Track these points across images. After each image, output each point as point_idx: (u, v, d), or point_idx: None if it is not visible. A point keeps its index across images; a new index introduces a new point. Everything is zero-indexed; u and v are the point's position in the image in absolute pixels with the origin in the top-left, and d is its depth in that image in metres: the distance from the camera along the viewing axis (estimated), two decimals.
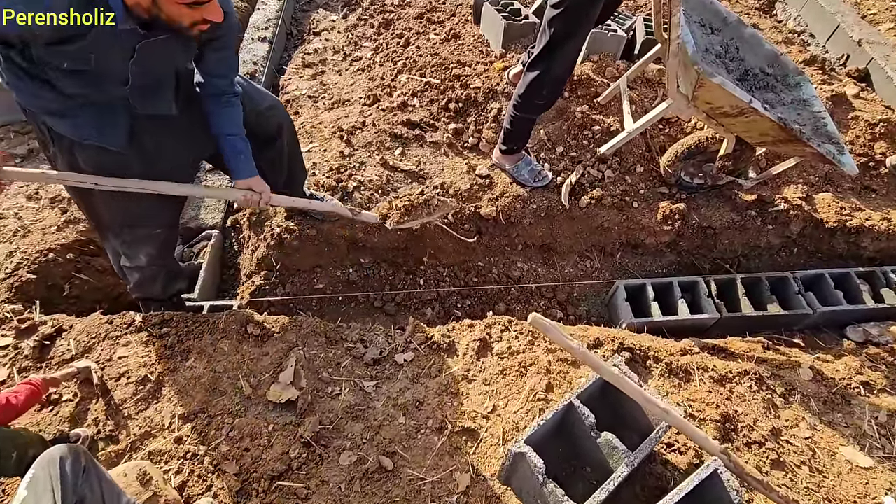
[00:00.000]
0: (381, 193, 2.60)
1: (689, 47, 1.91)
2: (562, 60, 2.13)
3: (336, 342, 1.90)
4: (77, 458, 1.20)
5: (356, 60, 3.68)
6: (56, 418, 1.62)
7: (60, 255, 2.25)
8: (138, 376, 1.72)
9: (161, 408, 1.66)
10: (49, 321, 1.90)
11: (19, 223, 2.36)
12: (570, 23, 1.99)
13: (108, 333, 1.85)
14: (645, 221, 2.64)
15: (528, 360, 1.79)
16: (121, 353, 1.79)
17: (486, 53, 3.26)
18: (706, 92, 2.01)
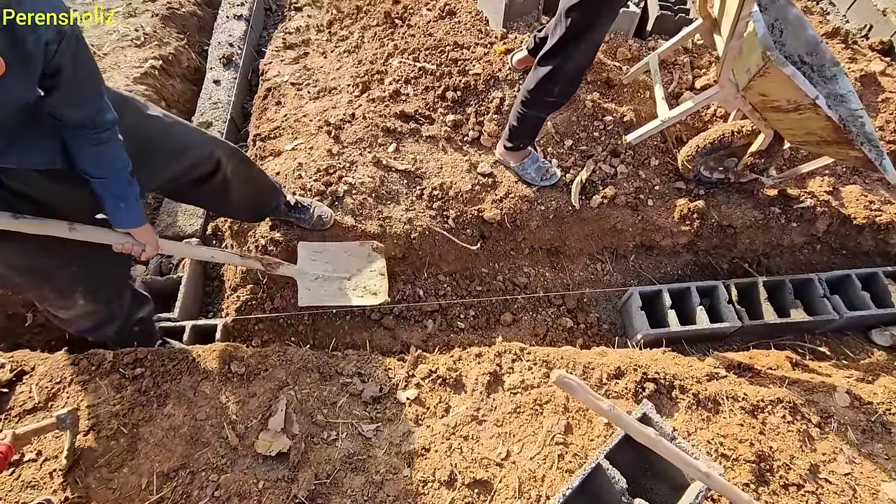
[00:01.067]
0: (375, 197, 2.37)
1: (760, 28, 1.66)
2: (578, 56, 1.87)
3: (331, 377, 1.72)
4: None
5: (342, 40, 3.36)
6: (17, 483, 1.44)
7: None
8: (110, 428, 1.53)
9: (136, 466, 1.49)
10: (7, 363, 1.69)
11: None
12: (590, 13, 1.73)
13: (74, 377, 1.65)
14: (661, 221, 2.44)
15: (544, 397, 1.63)
16: (90, 401, 1.60)
17: (485, 33, 2.96)
18: (766, 83, 1.78)
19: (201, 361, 1.68)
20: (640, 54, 2.90)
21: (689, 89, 2.81)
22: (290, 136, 2.64)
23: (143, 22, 3.33)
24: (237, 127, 3.14)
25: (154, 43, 3.19)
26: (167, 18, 3.45)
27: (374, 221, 2.31)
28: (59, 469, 1.46)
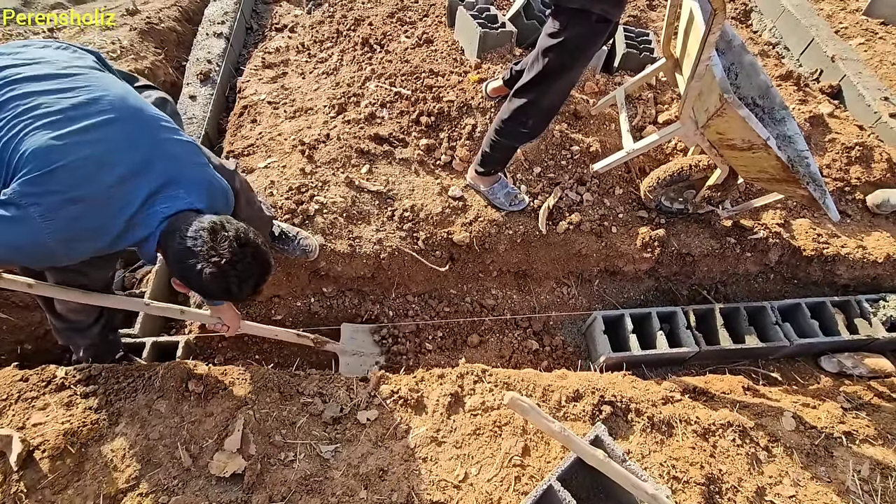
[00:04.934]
0: (346, 217, 2.39)
1: (718, 71, 1.77)
2: (553, 93, 1.96)
3: (291, 397, 1.71)
4: None
5: (321, 62, 3.42)
6: None
7: None
8: (56, 448, 1.48)
9: (83, 487, 1.44)
10: None
11: None
12: (567, 56, 1.83)
13: (22, 394, 1.60)
14: (624, 248, 2.53)
15: (504, 418, 1.65)
16: (37, 419, 1.55)
17: (460, 62, 3.06)
18: (723, 122, 1.89)
19: (157, 379, 1.65)
20: (607, 88, 3.05)
21: (652, 123, 2.96)
22: (264, 154, 2.66)
23: (121, 35, 3.34)
24: (211, 143, 3.14)
25: (130, 56, 3.19)
26: (145, 33, 3.46)
27: (343, 241, 2.32)
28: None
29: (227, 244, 1.18)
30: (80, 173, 1.12)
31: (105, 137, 1.16)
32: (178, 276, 1.27)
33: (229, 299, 1.32)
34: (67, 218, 1.11)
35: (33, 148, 1.09)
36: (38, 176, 1.08)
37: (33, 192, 1.08)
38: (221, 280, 1.20)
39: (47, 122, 1.12)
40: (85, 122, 1.15)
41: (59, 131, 1.12)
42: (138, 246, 1.27)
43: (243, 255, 1.21)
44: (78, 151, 1.12)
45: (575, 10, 1.75)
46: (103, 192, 1.15)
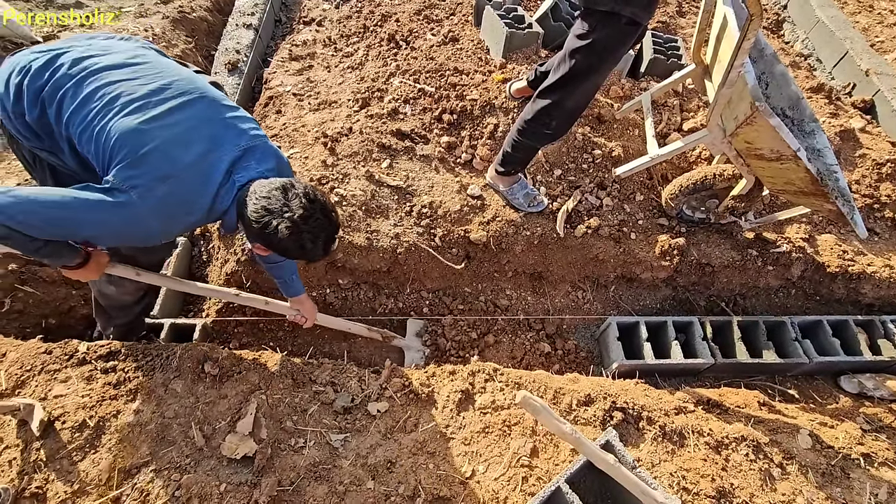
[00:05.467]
0: (365, 211, 2.41)
1: (750, 79, 1.75)
2: (578, 95, 1.96)
3: (304, 385, 1.73)
4: None
5: (347, 56, 3.45)
6: None
7: (1, 266, 2.02)
8: (76, 420, 1.52)
9: (99, 459, 1.47)
10: None
11: None
12: (594, 58, 1.82)
13: (45, 366, 1.64)
14: (642, 255, 2.50)
15: (513, 418, 1.65)
16: (58, 391, 1.59)
17: (485, 62, 3.06)
18: (752, 131, 1.86)
19: (175, 359, 1.69)
20: (633, 93, 3.02)
21: (676, 130, 2.92)
22: (287, 145, 2.69)
23: (154, 23, 3.41)
24: None
25: (162, 44, 3.26)
26: (177, 21, 3.53)
27: (361, 234, 2.34)
28: (17, 458, 1.44)
29: (297, 201, 1.25)
30: (167, 154, 1.20)
31: (182, 119, 1.25)
32: (259, 238, 1.32)
33: (304, 256, 1.36)
34: (161, 197, 1.20)
35: (123, 133, 1.18)
36: (132, 160, 1.17)
37: (130, 175, 1.17)
38: (296, 235, 1.26)
39: (132, 109, 1.20)
40: (163, 106, 1.24)
41: (143, 116, 1.20)
42: (222, 217, 1.34)
43: (313, 210, 1.27)
44: (162, 134, 1.21)
45: (605, 12, 1.74)
46: (187, 169, 1.23)
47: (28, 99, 1.25)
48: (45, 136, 1.31)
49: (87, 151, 1.24)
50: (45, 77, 1.24)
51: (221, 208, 1.31)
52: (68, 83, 1.23)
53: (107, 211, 1.17)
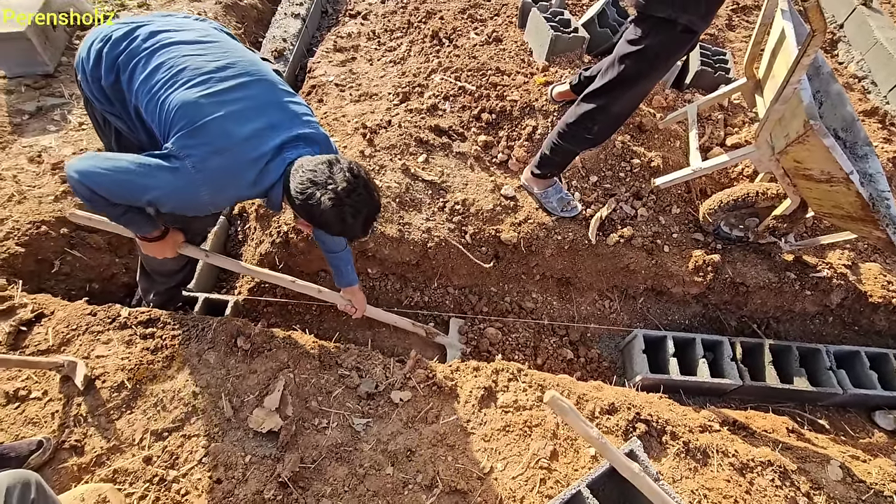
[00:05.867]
0: (399, 203, 2.44)
1: (806, 96, 1.70)
2: (624, 101, 1.94)
3: (330, 367, 1.76)
4: (26, 489, 1.08)
5: (390, 51, 3.49)
6: (20, 417, 1.50)
7: (54, 229, 2.12)
8: (115, 381, 1.59)
9: (133, 420, 1.53)
10: (30, 304, 1.77)
11: (16, 187, 2.23)
12: (644, 64, 1.79)
13: (89, 327, 1.72)
14: (674, 269, 2.46)
15: (535, 419, 1.64)
16: (100, 352, 1.66)
17: (527, 63, 3.06)
18: (803, 150, 1.81)
19: (210, 331, 1.74)
20: (676, 104, 2.96)
21: (719, 145, 2.86)
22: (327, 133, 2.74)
23: (207, 7, 3.52)
24: None
25: None
26: (229, 7, 3.63)
27: (393, 226, 2.37)
28: (59, 411, 1.52)
29: (341, 174, 1.28)
30: (223, 128, 1.26)
31: (241, 97, 1.30)
32: (302, 211, 1.35)
33: (344, 231, 1.38)
34: (214, 167, 1.25)
35: (184, 104, 1.24)
36: (190, 130, 1.23)
37: (187, 144, 1.23)
38: (338, 208, 1.28)
39: (196, 83, 1.27)
40: (226, 83, 1.30)
41: (205, 91, 1.26)
42: (267, 193, 1.38)
43: (356, 184, 1.30)
44: (221, 108, 1.26)
45: (660, 18, 1.71)
46: (240, 143, 1.28)
47: (105, 65, 1.32)
48: (117, 101, 1.39)
49: (151, 119, 1.31)
50: (122, 46, 1.32)
51: (269, 182, 1.35)
52: (141, 53, 1.30)
53: (163, 176, 1.23)
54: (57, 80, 2.86)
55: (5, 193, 2.19)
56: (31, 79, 2.81)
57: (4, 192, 2.19)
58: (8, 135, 2.50)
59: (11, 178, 2.27)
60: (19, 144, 2.46)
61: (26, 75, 2.82)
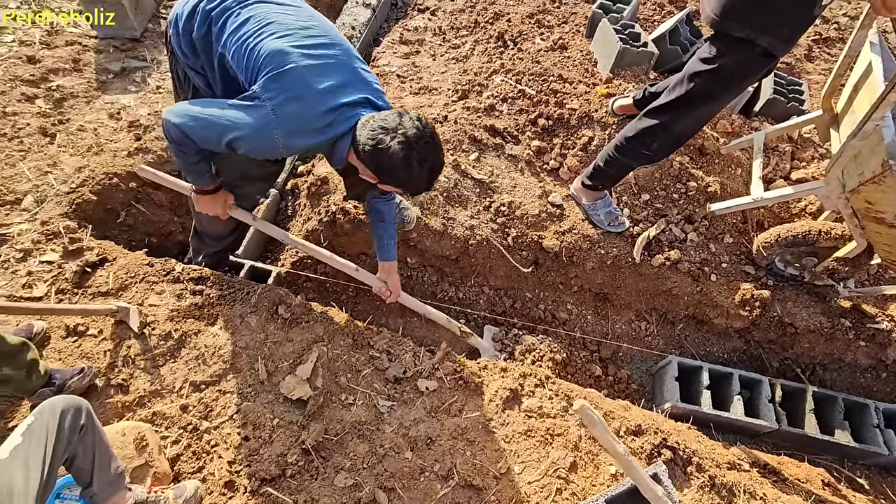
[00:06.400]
0: (446, 198, 2.46)
1: (888, 134, 1.62)
2: (689, 120, 1.88)
3: (362, 347, 1.80)
4: (78, 414, 1.16)
5: (454, 48, 3.53)
6: (76, 350, 1.61)
7: (124, 182, 2.27)
8: (163, 330, 1.68)
9: (176, 369, 1.62)
10: (96, 248, 1.90)
11: (95, 140, 2.40)
12: (716, 85, 1.74)
13: (146, 276, 1.83)
14: (719, 299, 2.37)
15: (558, 428, 1.62)
16: (153, 301, 1.76)
17: (591, 73, 3.02)
18: (878, 191, 1.72)
19: (254, 296, 1.81)
20: (742, 131, 2.86)
21: (783, 178, 2.73)
22: None
23: None
24: None
25: None
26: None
27: (438, 219, 2.39)
28: (110, 350, 1.62)
29: (411, 122, 1.34)
30: (303, 78, 1.33)
31: (322, 55, 1.39)
32: (370, 159, 1.38)
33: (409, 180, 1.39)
34: (290, 113, 1.32)
35: (272, 50, 1.33)
36: (274, 75, 1.31)
37: (271, 87, 1.31)
38: (407, 152, 1.32)
39: (283, 35, 1.36)
40: (309, 40, 1.38)
41: (291, 42, 1.35)
42: (335, 144, 1.44)
43: (424, 132, 1.35)
44: (304, 60, 1.34)
45: (738, 38, 1.65)
46: (317, 95, 1.35)
47: (200, 18, 1.42)
48: (203, 53, 1.48)
49: (238, 65, 1.39)
50: (217, 2, 1.42)
51: (338, 132, 1.40)
52: (235, 7, 1.40)
53: (245, 116, 1.31)
54: (142, 44, 3.04)
55: (86, 144, 2.35)
56: (119, 41, 3.00)
57: (85, 143, 2.35)
58: (93, 90, 2.68)
59: (92, 131, 2.44)
60: (102, 100, 2.64)
61: (115, 37, 3.01)
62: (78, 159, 2.27)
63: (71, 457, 1.14)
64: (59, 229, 1.94)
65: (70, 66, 2.77)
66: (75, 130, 2.42)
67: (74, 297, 1.75)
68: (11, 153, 2.21)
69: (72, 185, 2.15)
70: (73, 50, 2.88)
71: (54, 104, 2.53)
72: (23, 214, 2.02)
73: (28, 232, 1.92)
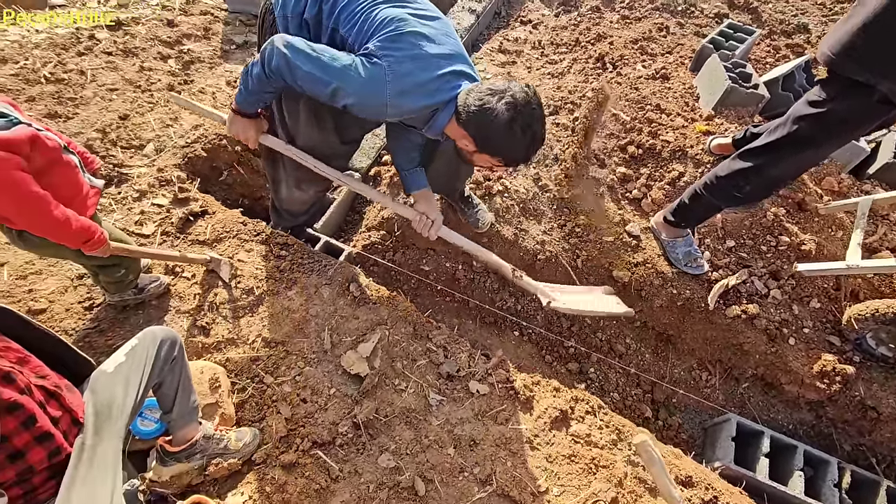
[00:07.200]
0: (522, 209, 2.47)
1: None
2: (787, 166, 1.78)
3: (421, 338, 1.85)
4: (172, 346, 1.27)
5: (551, 63, 3.53)
6: (171, 288, 1.77)
7: (231, 144, 2.46)
8: (246, 285, 1.81)
9: (252, 323, 1.74)
10: (200, 199, 2.08)
11: (212, 102, 2.62)
12: (822, 130, 1.62)
13: (239, 233, 1.97)
14: (795, 365, 2.21)
15: (603, 460, 1.59)
16: (241, 257, 1.90)
17: (691, 108, 2.92)
18: None
19: (331, 269, 1.91)
20: (849, 192, 2.65)
21: (890, 249, 2.51)
22: None
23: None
24: None
25: None
26: None
27: (511, 228, 2.41)
28: (199, 294, 1.76)
29: (518, 87, 1.36)
30: (420, 42, 1.38)
31: (433, 26, 1.45)
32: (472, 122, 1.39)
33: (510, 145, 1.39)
34: (405, 72, 1.36)
35: (389, 17, 1.39)
36: (391, 36, 1.37)
37: (388, 47, 1.36)
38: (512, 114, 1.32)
39: (397, 4, 1.43)
40: (422, 11, 1.46)
41: (405, 11, 1.42)
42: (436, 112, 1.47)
43: (532, 99, 1.36)
44: (419, 27, 1.40)
45: (854, 82, 1.51)
46: (430, 59, 1.40)
47: None
48: (312, 28, 1.54)
49: (349, 31, 1.44)
50: None
51: (443, 98, 1.43)
52: None
53: (361, 67, 1.35)
54: None
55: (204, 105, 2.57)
56: (245, 16, 3.26)
57: (203, 104, 2.57)
58: (217, 58, 2.93)
59: (210, 94, 2.67)
60: (223, 68, 2.88)
61: (242, 12, 3.28)
62: (195, 118, 2.49)
63: (160, 382, 1.26)
64: (171, 178, 2.13)
65: (201, 34, 3.04)
66: (197, 91, 2.66)
67: (176, 241, 1.93)
68: (143, 104, 2.46)
69: (187, 140, 2.36)
70: (205, 19, 3.16)
71: (183, 66, 2.79)
72: (143, 160, 2.24)
73: (146, 176, 2.13)
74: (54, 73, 2.46)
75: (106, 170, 2.13)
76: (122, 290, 1.63)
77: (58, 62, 2.53)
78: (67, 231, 1.26)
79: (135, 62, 2.69)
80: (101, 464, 1.04)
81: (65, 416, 1.05)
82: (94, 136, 2.21)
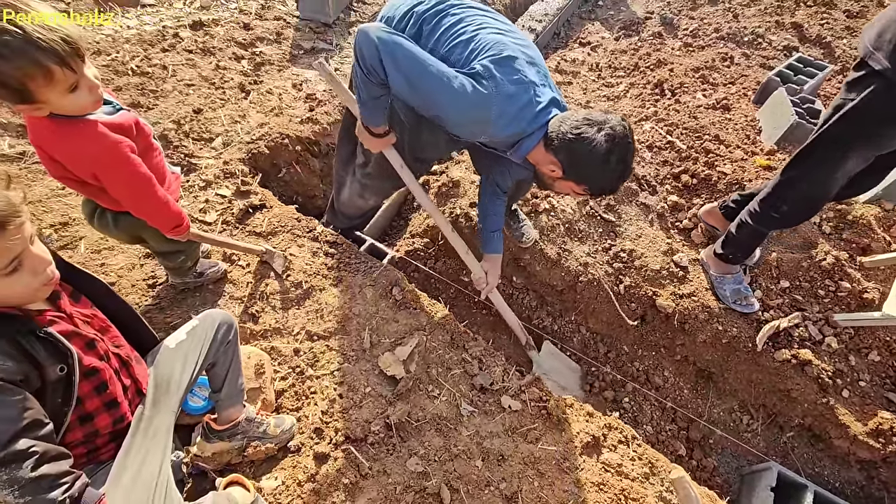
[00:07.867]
0: (567, 229, 2.46)
1: None
2: (818, 175, 1.68)
3: (457, 347, 1.86)
4: (229, 330, 1.35)
5: (607, 86, 3.52)
6: (227, 274, 1.86)
7: (292, 144, 2.58)
8: (296, 279, 1.89)
9: (298, 315, 1.81)
10: (260, 193, 2.19)
11: (278, 102, 2.76)
12: (847, 126, 1.54)
13: (292, 228, 2.06)
14: (846, 420, 2.08)
15: (634, 493, 1.54)
16: (293, 251, 1.99)
17: (751, 141, 2.83)
18: None
19: (376, 271, 1.96)
20: None
21: None
22: None
23: None
24: None
25: None
26: None
27: (555, 247, 2.40)
28: (252, 283, 1.85)
29: (616, 121, 1.37)
30: (521, 67, 1.41)
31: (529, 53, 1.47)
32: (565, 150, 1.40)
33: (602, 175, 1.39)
34: (509, 93, 1.39)
35: (492, 40, 1.43)
36: (497, 59, 1.40)
37: (493, 68, 1.38)
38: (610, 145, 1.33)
39: (496, 30, 1.48)
40: (519, 39, 1.49)
41: (503, 36, 1.46)
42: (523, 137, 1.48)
43: (628, 133, 1.37)
44: (519, 52, 1.43)
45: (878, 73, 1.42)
46: (530, 85, 1.43)
47: (413, 19, 1.55)
48: None
49: (451, 52, 1.46)
50: (432, 5, 1.54)
51: (537, 124, 1.45)
52: (448, 9, 1.52)
53: (465, 86, 1.35)
54: (332, 30, 3.45)
55: (270, 105, 2.72)
56: (315, 24, 3.43)
57: (270, 104, 2.72)
58: (286, 61, 3.09)
59: (277, 95, 2.82)
60: (290, 71, 3.03)
61: (312, 20, 3.45)
62: (261, 116, 2.63)
63: (213, 363, 1.33)
64: (235, 171, 2.26)
65: (273, 37, 3.22)
66: (265, 92, 2.81)
67: (235, 231, 2.03)
68: (215, 100, 2.62)
69: (253, 136, 2.50)
70: (278, 24, 3.34)
71: (254, 67, 2.96)
72: (211, 152, 2.39)
73: (212, 167, 2.27)
74: (140, 66, 2.67)
75: (178, 159, 2.29)
76: (183, 275, 1.74)
77: (144, 56, 2.74)
78: (167, 213, 1.35)
79: (211, 60, 2.87)
80: (155, 435, 1.12)
81: (132, 385, 1.13)
82: (170, 127, 2.38)
